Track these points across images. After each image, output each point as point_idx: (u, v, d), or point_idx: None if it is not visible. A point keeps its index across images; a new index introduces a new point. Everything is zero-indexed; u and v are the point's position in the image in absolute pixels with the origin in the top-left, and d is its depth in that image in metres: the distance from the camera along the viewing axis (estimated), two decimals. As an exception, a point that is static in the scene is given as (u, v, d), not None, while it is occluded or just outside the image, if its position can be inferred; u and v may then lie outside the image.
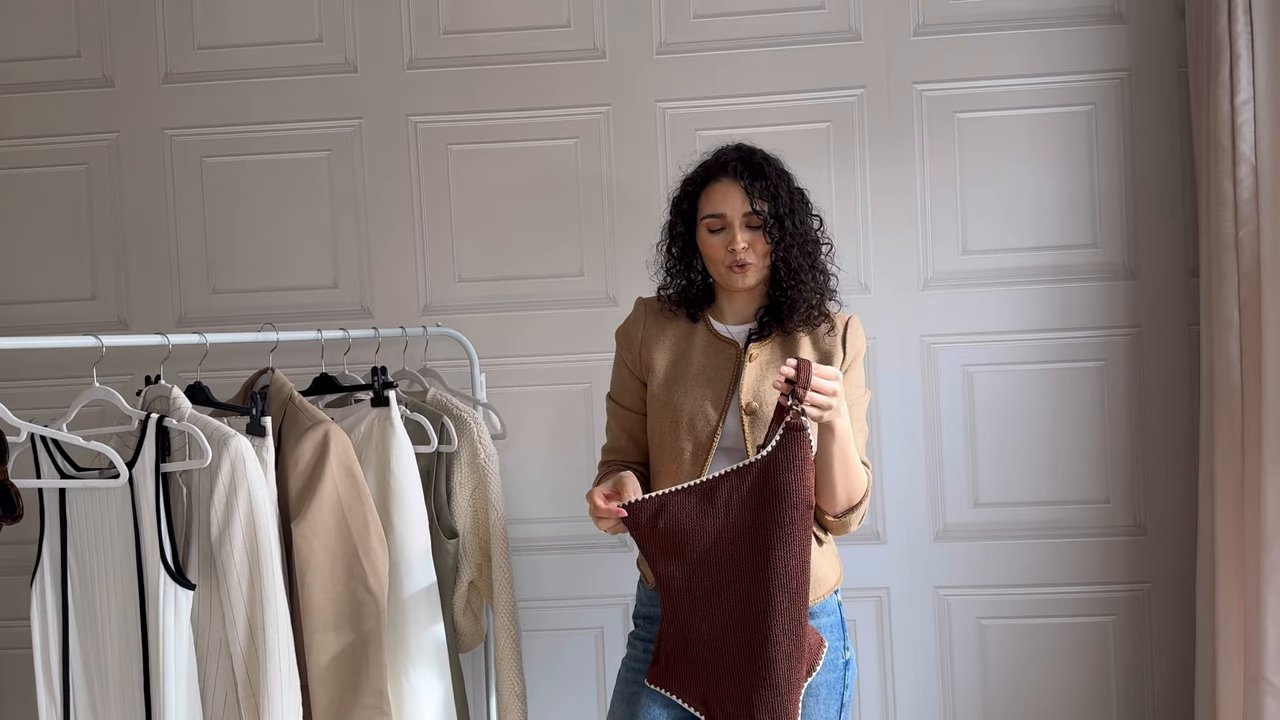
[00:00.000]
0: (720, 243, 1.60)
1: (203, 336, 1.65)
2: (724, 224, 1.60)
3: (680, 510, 1.46)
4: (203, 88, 2.39)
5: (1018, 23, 2.29)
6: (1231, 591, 2.05)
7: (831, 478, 1.49)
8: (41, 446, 1.52)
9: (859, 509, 1.55)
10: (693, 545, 1.46)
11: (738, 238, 1.58)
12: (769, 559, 1.42)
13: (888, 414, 2.31)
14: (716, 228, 1.61)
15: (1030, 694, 2.33)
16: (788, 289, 1.60)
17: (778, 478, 1.42)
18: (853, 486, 1.52)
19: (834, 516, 1.55)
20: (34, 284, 2.42)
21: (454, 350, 2.28)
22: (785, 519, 1.42)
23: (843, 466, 1.49)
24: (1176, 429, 2.28)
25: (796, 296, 1.60)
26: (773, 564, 1.42)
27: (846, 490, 1.52)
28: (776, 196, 1.59)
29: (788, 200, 1.60)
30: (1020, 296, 2.30)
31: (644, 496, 1.47)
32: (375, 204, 2.38)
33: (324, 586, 1.63)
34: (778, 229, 1.58)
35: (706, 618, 1.47)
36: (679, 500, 1.46)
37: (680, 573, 1.47)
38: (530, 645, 2.31)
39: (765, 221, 1.58)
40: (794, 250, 1.59)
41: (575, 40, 2.35)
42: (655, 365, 1.66)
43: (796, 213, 1.61)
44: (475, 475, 2.02)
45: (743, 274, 1.60)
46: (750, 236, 1.59)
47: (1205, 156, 2.10)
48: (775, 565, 1.42)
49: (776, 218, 1.59)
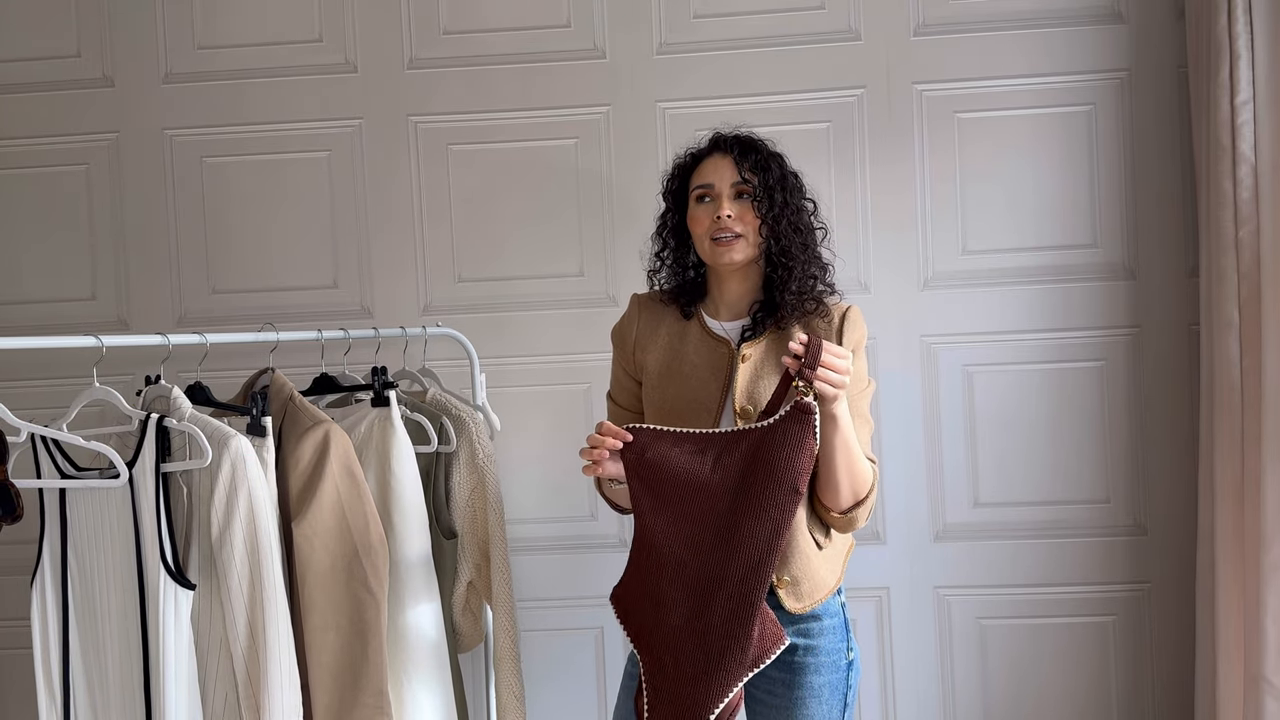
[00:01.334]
0: (707, 214, 1.58)
1: (203, 336, 1.65)
2: (712, 194, 1.58)
3: (671, 450, 1.45)
4: (203, 88, 2.39)
5: (1018, 23, 2.29)
6: (1231, 591, 2.05)
7: (834, 470, 1.47)
8: (41, 446, 1.52)
9: (865, 504, 1.52)
10: (672, 488, 1.44)
11: (725, 205, 1.56)
12: (738, 527, 1.41)
13: (888, 414, 2.31)
14: (704, 196, 1.59)
15: (1030, 694, 2.33)
16: (779, 267, 1.57)
17: (770, 452, 1.41)
18: (857, 480, 1.50)
19: (839, 513, 1.53)
20: (34, 284, 2.42)
21: (454, 350, 2.28)
22: (765, 494, 1.40)
23: (846, 458, 1.47)
24: (1176, 429, 2.28)
25: (788, 276, 1.56)
26: (739, 534, 1.41)
27: (851, 484, 1.49)
28: (767, 169, 1.57)
29: (779, 175, 1.58)
30: (1020, 296, 2.30)
31: (646, 425, 1.47)
32: (375, 204, 2.39)
33: (324, 586, 1.63)
34: (767, 200, 1.56)
35: (668, 566, 1.45)
36: (673, 440, 1.45)
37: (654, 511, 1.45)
38: (530, 645, 2.31)
39: (754, 191, 1.56)
40: (784, 224, 1.56)
41: (575, 40, 2.35)
42: (648, 365, 1.64)
43: (788, 189, 1.59)
44: (474, 475, 2.02)
45: (729, 248, 1.56)
46: (739, 208, 1.56)
47: (1205, 156, 2.10)
48: (741, 536, 1.41)
49: (766, 189, 1.56)
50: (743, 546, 1.41)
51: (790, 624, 1.56)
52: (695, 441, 1.45)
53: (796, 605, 1.55)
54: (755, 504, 1.41)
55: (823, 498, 1.53)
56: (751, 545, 1.41)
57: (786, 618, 1.55)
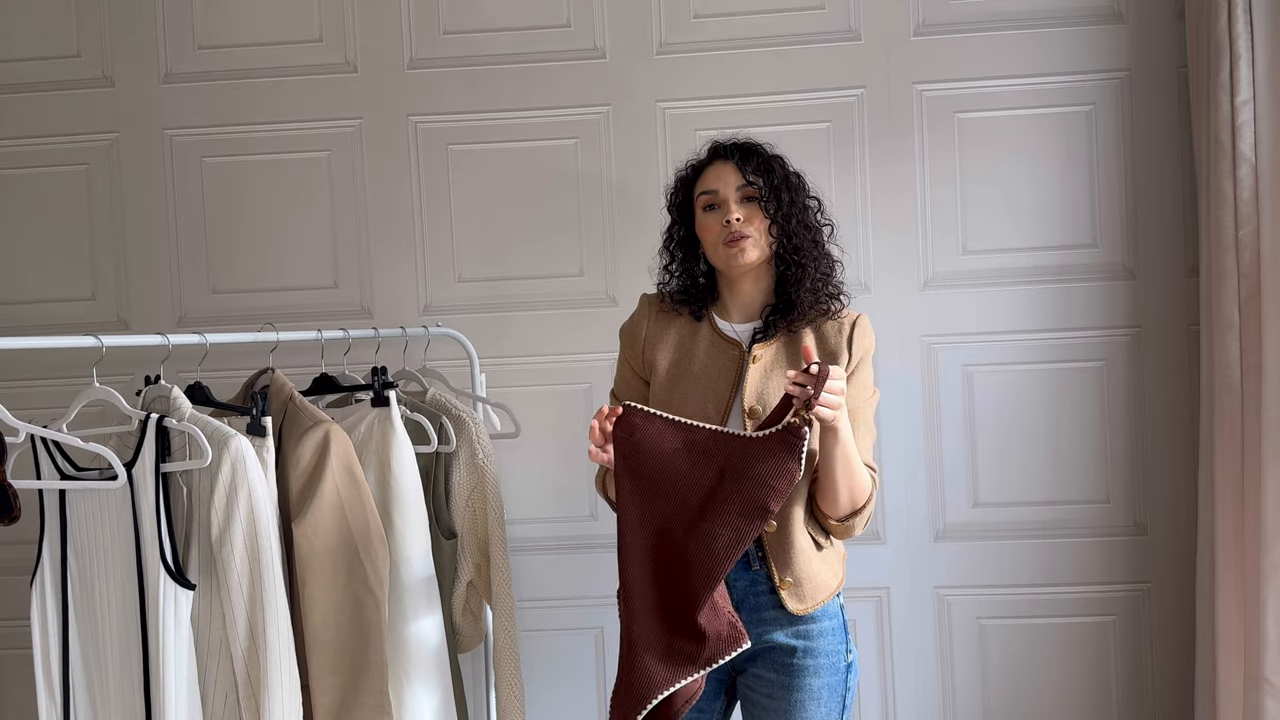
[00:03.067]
0: (716, 221, 1.59)
1: (203, 336, 1.65)
2: (719, 200, 1.59)
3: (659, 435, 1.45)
4: (203, 88, 2.39)
5: (1018, 23, 2.29)
6: (1231, 591, 2.05)
7: (834, 479, 1.49)
8: (41, 447, 1.52)
9: (863, 513, 1.54)
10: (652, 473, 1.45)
11: (733, 209, 1.57)
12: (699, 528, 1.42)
13: (888, 414, 2.31)
14: (711, 204, 1.60)
15: (1030, 694, 2.33)
16: (792, 265, 1.59)
17: (751, 465, 1.41)
18: (856, 489, 1.51)
19: (837, 520, 1.54)
20: (34, 284, 2.42)
21: (454, 350, 2.28)
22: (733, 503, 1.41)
23: (845, 468, 1.48)
24: (1176, 429, 2.28)
25: (800, 274, 1.58)
26: (701, 533, 1.42)
27: (850, 492, 1.50)
28: (771, 171, 1.59)
29: (782, 175, 1.60)
30: (1020, 296, 2.30)
31: (641, 406, 1.47)
32: (375, 204, 2.38)
33: (324, 586, 1.63)
34: (774, 201, 1.57)
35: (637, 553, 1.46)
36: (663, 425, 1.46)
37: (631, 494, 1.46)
38: (529, 645, 2.31)
39: (761, 193, 1.57)
40: (793, 222, 1.58)
41: (575, 40, 2.35)
42: (658, 364, 1.65)
43: (793, 188, 1.60)
44: (474, 475, 2.02)
45: (741, 249, 1.57)
46: (746, 210, 1.58)
47: (1205, 156, 2.10)
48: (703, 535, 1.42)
49: (773, 189, 1.58)
50: (703, 546, 1.42)
51: (790, 625, 1.56)
52: (685, 432, 1.46)
53: (799, 606, 1.55)
54: (722, 509, 1.42)
55: (821, 504, 1.54)
56: (709, 547, 1.42)
57: (788, 619, 1.55)
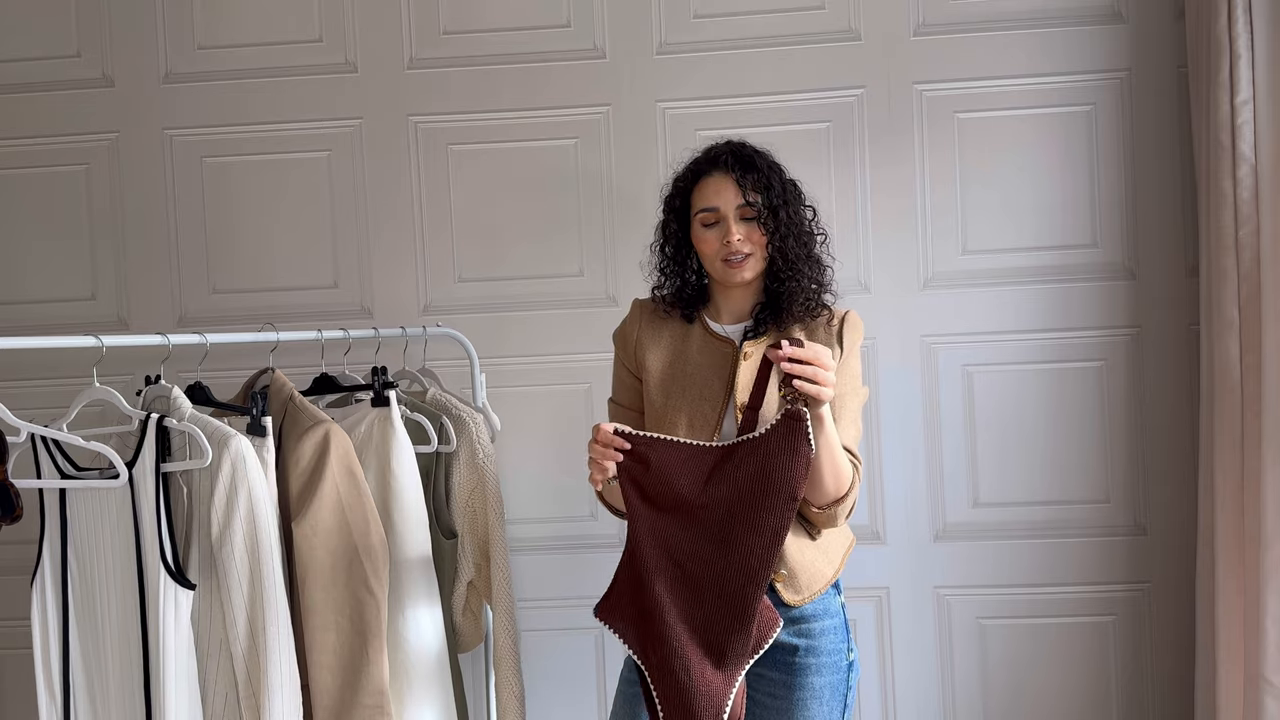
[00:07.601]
0: (715, 237, 1.60)
1: (203, 336, 1.65)
2: (718, 218, 1.60)
3: (667, 459, 1.45)
4: (203, 88, 2.39)
5: (1018, 23, 2.29)
6: (1231, 591, 2.05)
7: (820, 468, 1.48)
8: (42, 446, 1.52)
9: (845, 501, 1.54)
10: (669, 497, 1.45)
11: (733, 229, 1.58)
12: (736, 538, 1.42)
13: (888, 414, 2.31)
14: (710, 222, 1.61)
15: (1030, 694, 2.33)
16: (785, 280, 1.60)
17: (766, 461, 1.42)
18: (840, 475, 1.51)
19: (819, 508, 1.54)
20: (34, 284, 2.42)
21: (454, 350, 2.28)
22: (763, 504, 1.41)
23: (829, 456, 1.48)
24: (1176, 429, 2.28)
25: (795, 287, 1.59)
26: (737, 544, 1.42)
27: (835, 479, 1.50)
28: (769, 188, 1.59)
29: (780, 191, 1.60)
30: (1020, 296, 2.30)
31: (646, 433, 1.47)
32: (375, 204, 2.39)
33: (324, 586, 1.63)
34: (772, 219, 1.58)
35: (663, 572, 1.46)
36: (668, 449, 1.46)
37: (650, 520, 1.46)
38: (530, 645, 2.31)
39: (760, 213, 1.58)
40: (790, 240, 1.59)
41: (575, 40, 2.35)
42: (651, 366, 1.66)
43: (790, 203, 1.61)
44: (474, 475, 2.02)
45: (740, 268, 1.59)
46: (745, 229, 1.59)
47: (1205, 156, 2.10)
48: (739, 546, 1.42)
49: (771, 208, 1.58)
50: (741, 556, 1.42)
51: (790, 622, 1.56)
52: (690, 452, 1.46)
53: (795, 597, 1.56)
54: (753, 514, 1.42)
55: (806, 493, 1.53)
56: (750, 554, 1.42)
57: (785, 611, 1.56)
